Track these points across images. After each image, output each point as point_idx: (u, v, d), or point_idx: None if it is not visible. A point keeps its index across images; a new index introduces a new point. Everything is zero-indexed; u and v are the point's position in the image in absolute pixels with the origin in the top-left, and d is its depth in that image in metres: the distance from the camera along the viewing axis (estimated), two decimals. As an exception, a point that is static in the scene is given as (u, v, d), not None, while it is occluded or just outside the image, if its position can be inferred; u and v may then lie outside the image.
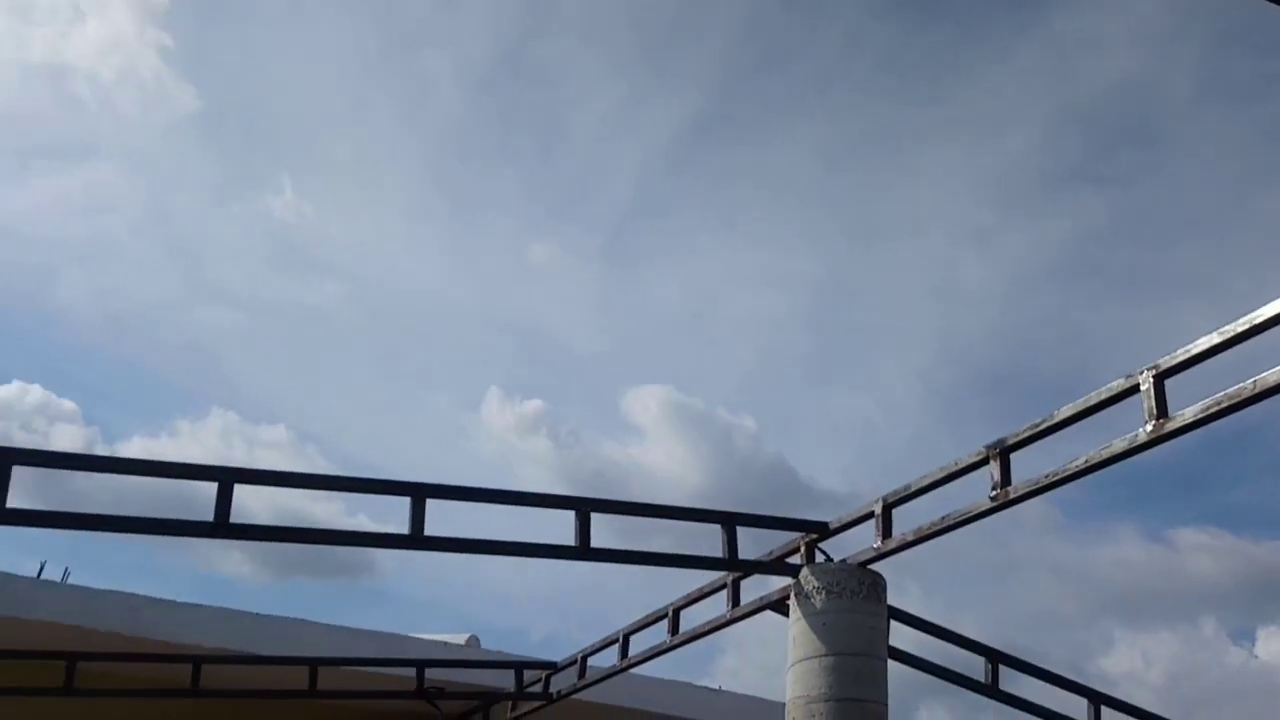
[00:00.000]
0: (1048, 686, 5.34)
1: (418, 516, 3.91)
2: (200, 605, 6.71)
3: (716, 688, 8.73)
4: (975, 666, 5.20)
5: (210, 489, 3.69)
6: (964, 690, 5.25)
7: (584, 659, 6.22)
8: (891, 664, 4.53)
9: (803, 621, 4.37)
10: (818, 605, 4.34)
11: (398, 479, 4.03)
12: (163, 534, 3.59)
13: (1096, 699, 5.29)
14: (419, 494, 3.92)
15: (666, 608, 5.45)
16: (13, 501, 3.34)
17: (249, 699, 6.49)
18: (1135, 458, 3.45)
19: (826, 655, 4.22)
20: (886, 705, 4.26)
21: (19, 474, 3.44)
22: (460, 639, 9.52)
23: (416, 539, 3.89)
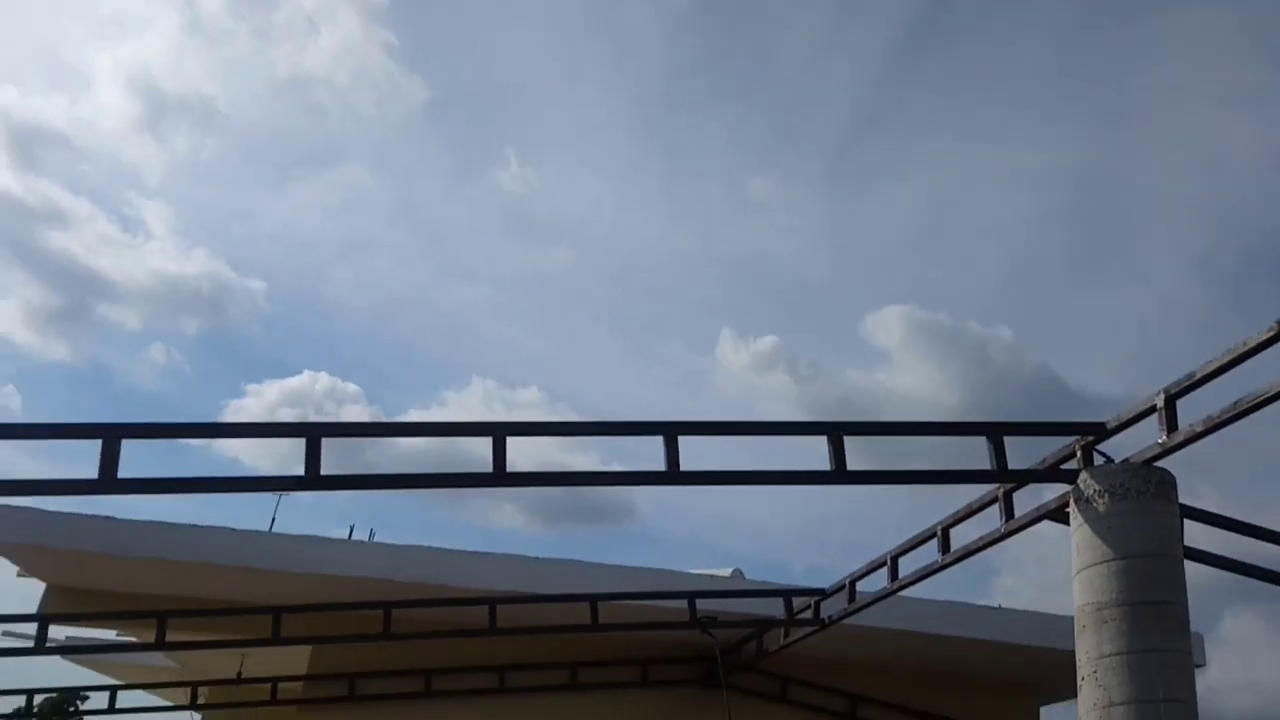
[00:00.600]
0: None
1: (672, 454, 4.02)
2: (489, 553, 7.27)
3: (996, 605, 8.48)
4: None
5: (485, 445, 3.94)
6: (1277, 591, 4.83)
7: (852, 584, 6.21)
8: (1189, 566, 4.22)
9: (1086, 528, 4.15)
10: (1101, 509, 4.10)
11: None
12: (452, 486, 3.91)
13: None
14: (671, 432, 4.03)
15: (935, 527, 5.33)
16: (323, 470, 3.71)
17: (539, 634, 6.98)
18: None
19: (1115, 559, 3.99)
20: (1186, 607, 3.98)
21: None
22: (725, 572, 9.77)
23: (673, 475, 4.01)
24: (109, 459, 3.33)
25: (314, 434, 3.79)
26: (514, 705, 8.00)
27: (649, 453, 4.21)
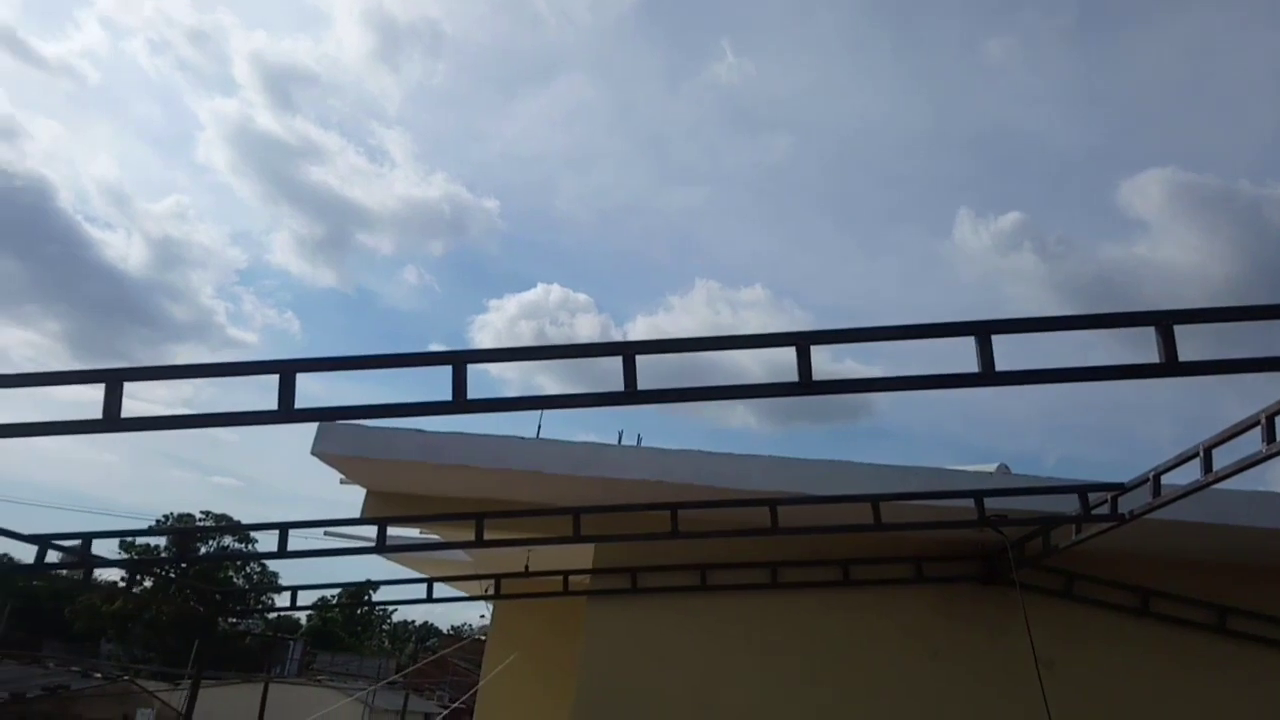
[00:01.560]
0: None
1: (986, 354, 3.89)
2: (764, 456, 7.43)
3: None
4: None
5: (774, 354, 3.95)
6: None
7: (1157, 477, 5.89)
8: None
9: None
10: None
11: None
12: (755, 396, 3.97)
13: None
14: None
15: (1258, 415, 4.93)
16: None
17: (819, 534, 7.11)
18: None
19: None
20: None
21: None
22: (990, 468, 9.51)
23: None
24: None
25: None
26: (786, 600, 8.24)
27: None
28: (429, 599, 8.68)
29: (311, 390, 3.62)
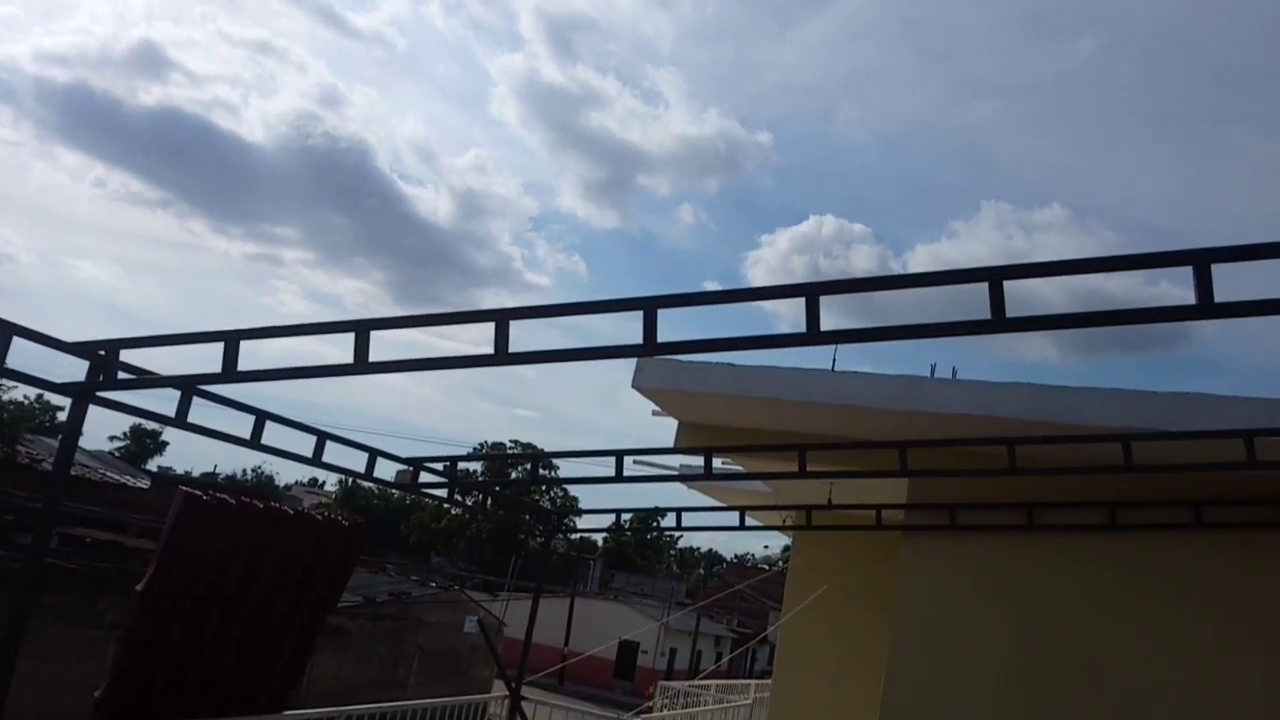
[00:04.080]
0: None
1: (1204, 286, 3.20)
2: (1096, 388, 6.78)
3: None
4: None
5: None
6: None
7: None
8: None
9: None
10: None
11: (1185, 248, 3.32)
12: (950, 335, 3.58)
13: None
14: (1203, 260, 3.21)
15: None
16: (827, 324, 3.56)
17: (1178, 471, 6.43)
18: None
19: None
20: None
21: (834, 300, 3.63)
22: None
23: (1206, 307, 3.21)
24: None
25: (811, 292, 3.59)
26: (1124, 542, 7.58)
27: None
28: (741, 526, 8.79)
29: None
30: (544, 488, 57.94)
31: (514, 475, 51.80)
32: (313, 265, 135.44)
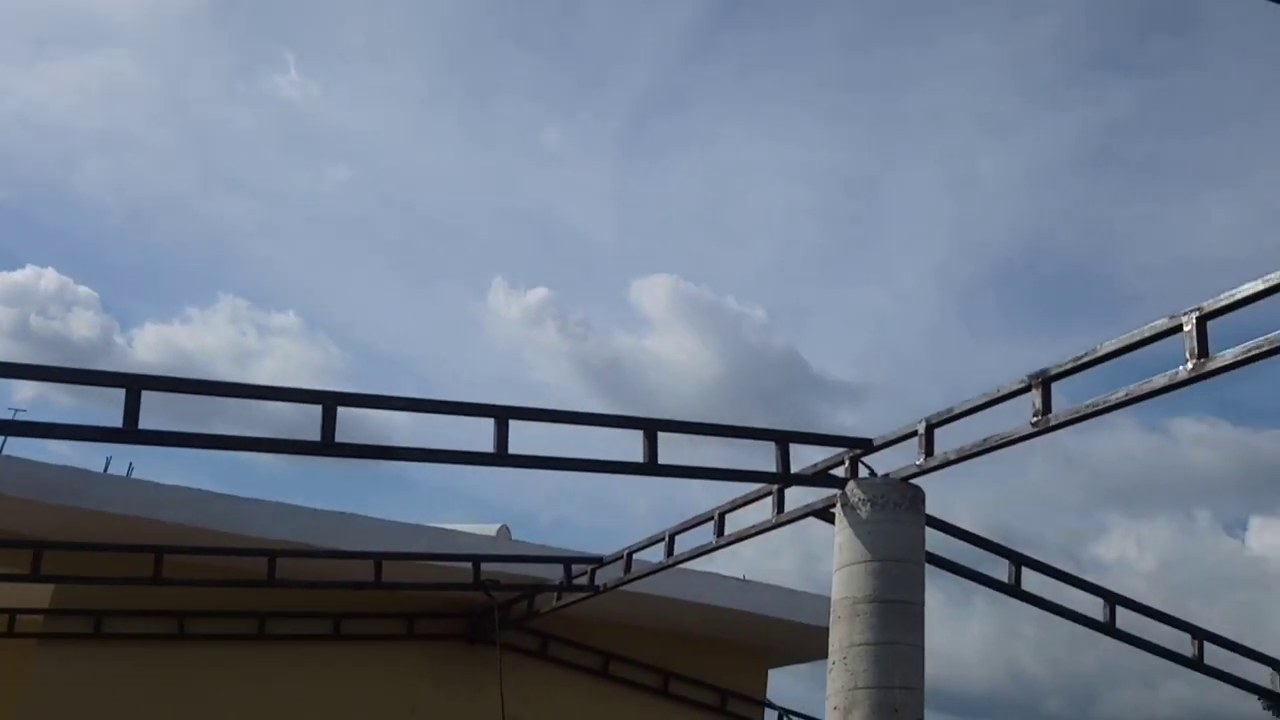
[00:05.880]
0: (1065, 587, 5.77)
1: (501, 436, 4.23)
2: (261, 500, 7.11)
3: (741, 578, 9.26)
4: (1000, 567, 5.64)
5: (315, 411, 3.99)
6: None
7: (630, 555, 6.67)
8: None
9: (849, 530, 4.75)
10: (863, 516, 4.71)
11: (477, 402, 4.35)
12: (278, 452, 3.93)
13: (1112, 599, 5.74)
14: (503, 415, 4.24)
15: (713, 511, 5.86)
16: (145, 423, 3.64)
17: (320, 589, 6.97)
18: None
19: (871, 561, 4.61)
20: (923, 604, 4.68)
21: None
22: (491, 529, 10.05)
23: (501, 457, 4.22)
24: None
25: (133, 385, 3.70)
26: (274, 652, 7.93)
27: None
28: None
29: None
30: None
31: None
32: None
